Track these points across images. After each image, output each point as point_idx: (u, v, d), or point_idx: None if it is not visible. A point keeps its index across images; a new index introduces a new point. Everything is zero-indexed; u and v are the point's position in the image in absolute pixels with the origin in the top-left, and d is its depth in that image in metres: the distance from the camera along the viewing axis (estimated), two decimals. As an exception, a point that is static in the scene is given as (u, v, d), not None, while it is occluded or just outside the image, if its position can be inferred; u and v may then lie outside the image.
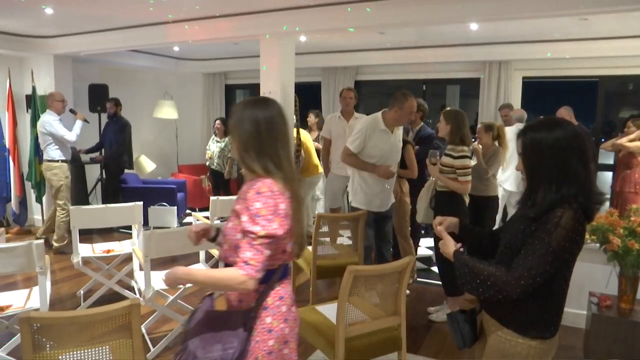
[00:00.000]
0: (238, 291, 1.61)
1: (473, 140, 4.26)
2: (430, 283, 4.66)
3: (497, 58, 6.45)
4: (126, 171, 6.78)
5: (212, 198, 4.39)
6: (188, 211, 7.20)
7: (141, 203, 4.05)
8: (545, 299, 1.59)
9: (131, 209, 3.96)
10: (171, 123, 8.45)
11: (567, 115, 5.30)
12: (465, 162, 3.48)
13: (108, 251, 4.00)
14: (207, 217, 4.45)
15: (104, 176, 6.54)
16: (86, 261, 3.86)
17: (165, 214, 5.62)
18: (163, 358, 3.17)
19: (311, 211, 6.12)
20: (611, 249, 2.90)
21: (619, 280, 3.05)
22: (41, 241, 2.81)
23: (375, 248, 3.98)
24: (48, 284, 2.94)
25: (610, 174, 6.11)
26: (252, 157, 1.60)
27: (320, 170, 5.58)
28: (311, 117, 6.31)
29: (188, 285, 3.23)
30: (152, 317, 3.52)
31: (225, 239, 1.66)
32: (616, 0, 3.41)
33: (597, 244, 3.01)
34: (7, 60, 6.23)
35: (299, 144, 5.25)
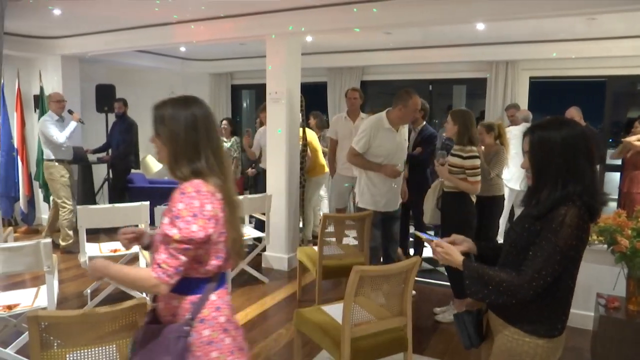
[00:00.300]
0: (150, 293, 1.51)
1: None
2: (436, 284, 4.64)
3: (504, 58, 6.43)
4: (133, 171, 6.80)
5: (218, 198, 4.39)
6: (194, 211, 7.20)
7: (148, 203, 4.06)
8: (552, 297, 1.59)
9: (138, 209, 3.98)
10: (177, 123, 8.46)
11: (577, 115, 5.26)
12: (475, 162, 3.47)
13: (115, 251, 4.02)
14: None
15: (111, 176, 6.57)
16: (93, 260, 3.88)
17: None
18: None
19: (319, 210, 6.13)
20: (619, 250, 2.88)
21: (627, 281, 3.03)
22: (49, 240, 2.83)
23: (382, 248, 3.97)
24: (55, 283, 2.96)
25: (617, 175, 6.06)
26: (185, 159, 1.51)
27: (326, 170, 5.58)
28: (310, 119, 6.29)
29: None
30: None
31: (154, 245, 1.58)
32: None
33: (605, 245, 2.99)
34: (16, 61, 6.28)
35: (305, 144, 5.26)
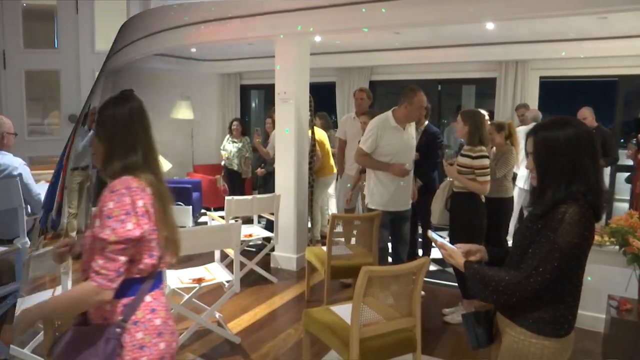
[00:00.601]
0: (96, 305, 1.42)
1: None
2: (444, 284, 4.62)
3: (514, 57, 6.38)
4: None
5: (227, 198, 4.42)
6: (203, 211, 7.25)
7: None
8: (557, 297, 1.58)
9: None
10: (187, 123, 8.52)
11: (590, 116, 5.18)
12: (483, 162, 3.45)
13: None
14: (222, 217, 4.48)
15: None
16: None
17: (180, 214, 5.67)
18: (178, 356, 3.19)
19: (327, 210, 6.13)
20: (631, 252, 2.85)
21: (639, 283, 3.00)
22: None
23: (391, 249, 3.95)
24: (69, 284, 3.00)
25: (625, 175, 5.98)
26: (119, 155, 1.50)
27: (334, 170, 5.58)
28: (316, 120, 6.28)
29: (203, 284, 3.32)
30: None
31: (83, 250, 1.50)
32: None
33: (617, 247, 2.95)
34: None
35: (314, 144, 5.26)
